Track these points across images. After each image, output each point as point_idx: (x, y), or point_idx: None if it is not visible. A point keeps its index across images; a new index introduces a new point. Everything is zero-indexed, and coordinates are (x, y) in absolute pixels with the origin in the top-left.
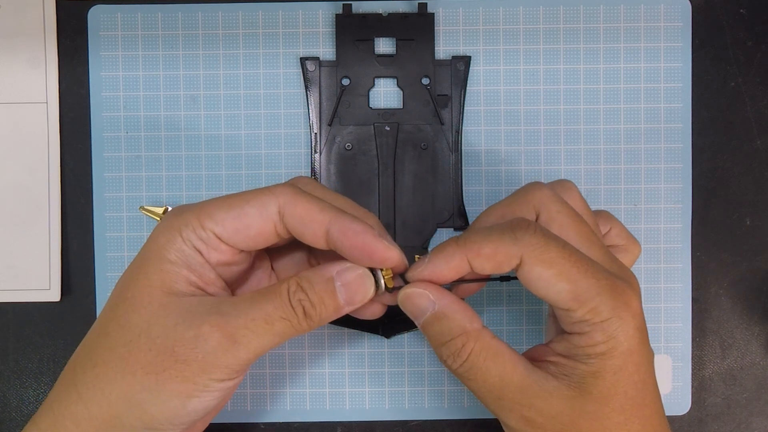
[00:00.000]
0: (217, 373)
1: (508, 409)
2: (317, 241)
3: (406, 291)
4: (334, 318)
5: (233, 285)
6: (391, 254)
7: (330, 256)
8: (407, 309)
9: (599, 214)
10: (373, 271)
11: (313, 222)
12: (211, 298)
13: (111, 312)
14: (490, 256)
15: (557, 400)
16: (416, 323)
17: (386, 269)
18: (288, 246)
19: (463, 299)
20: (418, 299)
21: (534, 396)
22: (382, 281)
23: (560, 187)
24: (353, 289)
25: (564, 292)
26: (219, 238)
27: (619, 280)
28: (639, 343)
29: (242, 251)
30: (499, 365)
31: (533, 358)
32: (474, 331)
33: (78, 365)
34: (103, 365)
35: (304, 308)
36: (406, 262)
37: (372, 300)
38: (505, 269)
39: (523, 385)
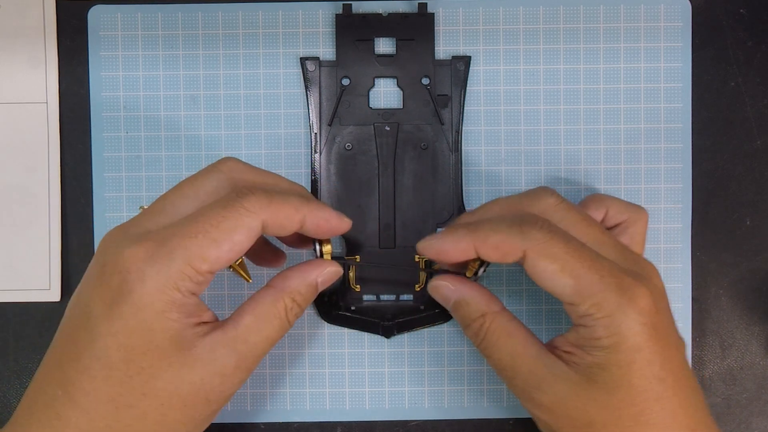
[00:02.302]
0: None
1: (520, 390)
2: (286, 234)
3: (433, 284)
4: None
5: None
6: (346, 225)
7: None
8: (436, 298)
9: (590, 200)
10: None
11: (292, 223)
12: (221, 339)
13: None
14: (496, 246)
15: (564, 384)
16: (448, 308)
17: (327, 247)
18: None
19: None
20: (442, 290)
21: (542, 378)
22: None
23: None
24: (328, 282)
25: (567, 287)
26: (211, 273)
27: (628, 277)
28: (648, 340)
29: None
30: (510, 345)
31: (552, 348)
32: (491, 313)
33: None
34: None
35: (296, 316)
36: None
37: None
38: (509, 260)
39: (533, 366)
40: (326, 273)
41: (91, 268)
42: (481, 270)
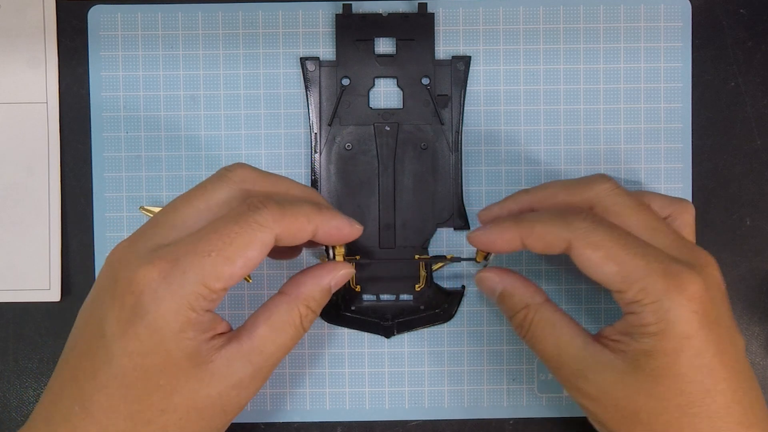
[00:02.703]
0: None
1: (566, 380)
2: (298, 243)
3: (479, 275)
4: None
5: None
6: (357, 232)
7: None
8: (482, 289)
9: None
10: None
11: (305, 234)
12: (236, 352)
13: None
14: (540, 237)
15: (610, 373)
16: (493, 300)
17: (339, 248)
18: None
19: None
20: (488, 282)
21: (587, 367)
22: (332, 253)
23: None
24: (341, 284)
25: (612, 274)
26: (225, 290)
27: (677, 264)
28: (699, 329)
29: None
30: (555, 335)
31: (599, 338)
32: (535, 304)
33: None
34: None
35: (311, 322)
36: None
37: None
38: (555, 250)
39: (578, 355)
40: (340, 276)
41: (102, 283)
42: (491, 256)
